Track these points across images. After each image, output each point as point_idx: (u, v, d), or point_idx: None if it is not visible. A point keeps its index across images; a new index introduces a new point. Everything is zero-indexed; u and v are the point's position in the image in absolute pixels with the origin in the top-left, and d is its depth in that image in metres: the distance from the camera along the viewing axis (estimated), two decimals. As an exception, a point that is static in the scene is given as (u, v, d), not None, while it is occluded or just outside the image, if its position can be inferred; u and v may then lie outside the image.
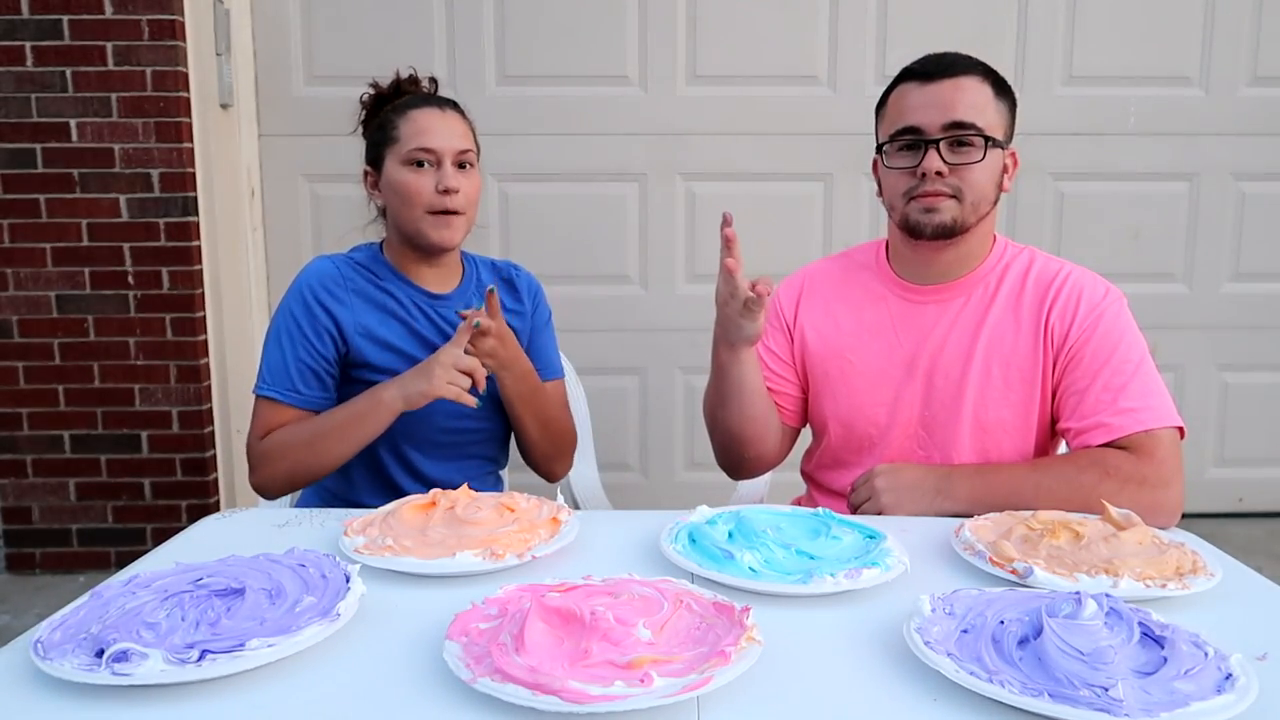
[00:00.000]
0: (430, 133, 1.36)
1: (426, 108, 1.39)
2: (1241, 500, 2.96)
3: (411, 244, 1.41)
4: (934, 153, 1.21)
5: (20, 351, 2.52)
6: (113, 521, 2.61)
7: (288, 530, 1.14)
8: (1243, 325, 2.85)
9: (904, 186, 1.25)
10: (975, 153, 1.22)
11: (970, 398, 1.29)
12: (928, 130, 1.22)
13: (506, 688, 0.69)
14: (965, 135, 1.21)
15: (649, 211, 2.77)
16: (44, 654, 0.75)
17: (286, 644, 0.77)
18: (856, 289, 1.38)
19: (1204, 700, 0.68)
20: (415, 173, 1.36)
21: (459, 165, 1.38)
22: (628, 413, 2.85)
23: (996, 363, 1.29)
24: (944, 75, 1.23)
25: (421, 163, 1.36)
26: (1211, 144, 2.77)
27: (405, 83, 1.44)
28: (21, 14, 2.38)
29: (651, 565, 1.01)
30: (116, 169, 2.45)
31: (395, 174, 1.37)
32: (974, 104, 1.22)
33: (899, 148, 1.25)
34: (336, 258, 1.44)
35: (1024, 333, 1.28)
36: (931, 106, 1.22)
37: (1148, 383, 1.24)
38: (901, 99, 1.26)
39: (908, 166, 1.24)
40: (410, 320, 1.42)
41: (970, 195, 1.24)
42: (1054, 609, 0.78)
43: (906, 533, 1.08)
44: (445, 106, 1.41)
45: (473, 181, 1.40)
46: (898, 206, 1.28)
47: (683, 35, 2.69)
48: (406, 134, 1.37)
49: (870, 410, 1.34)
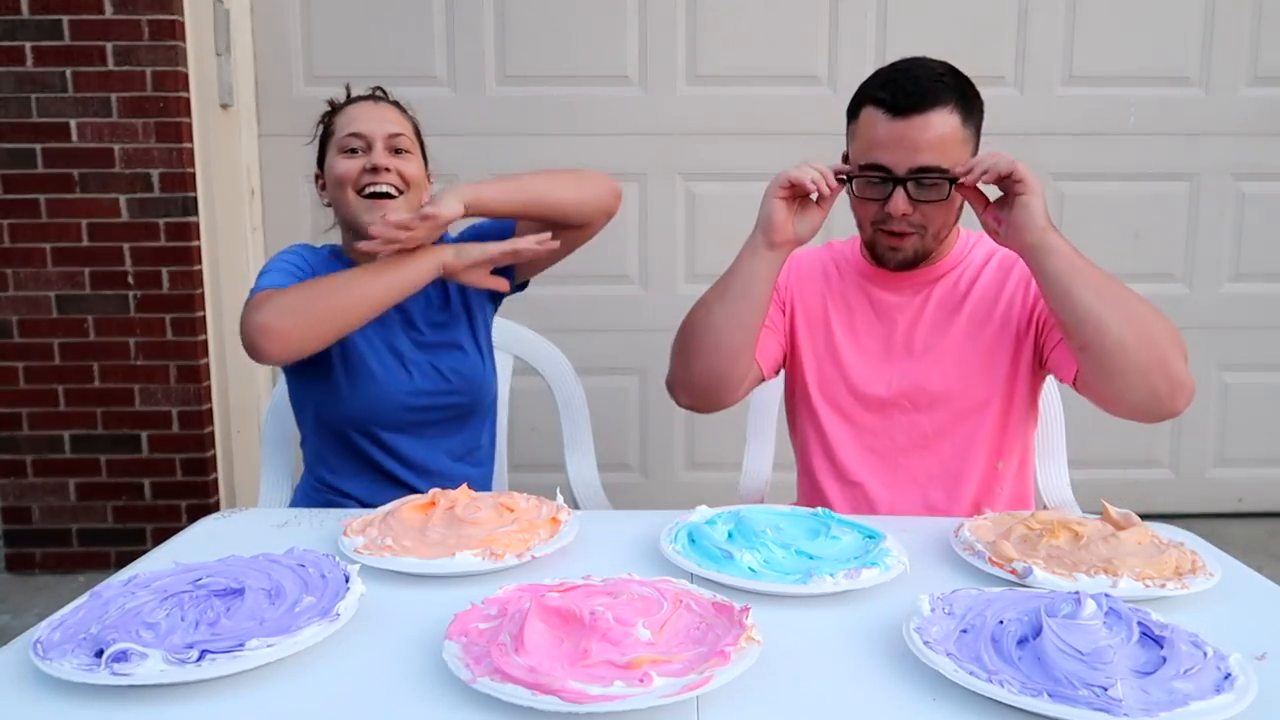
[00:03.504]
0: (359, 120, 1.40)
1: (360, 102, 1.44)
2: (1241, 500, 2.96)
3: (354, 233, 1.41)
4: (901, 193, 1.24)
5: (20, 351, 2.52)
6: (113, 521, 2.61)
7: (287, 530, 1.14)
8: (1243, 325, 2.85)
9: (871, 215, 1.30)
10: (940, 191, 1.24)
11: (952, 371, 1.33)
12: (895, 170, 1.24)
13: (506, 688, 0.69)
14: (931, 177, 1.23)
15: (649, 211, 2.77)
16: (44, 654, 0.75)
17: (286, 644, 0.77)
18: (838, 275, 1.43)
19: (1203, 700, 0.68)
20: (347, 158, 1.39)
21: (393, 151, 1.39)
22: (628, 413, 2.84)
23: (976, 334, 1.33)
24: (913, 111, 1.21)
25: (355, 150, 1.39)
26: (1211, 144, 2.77)
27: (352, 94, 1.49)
28: (21, 14, 2.38)
29: (651, 565, 1.01)
30: (116, 169, 2.45)
31: (331, 164, 1.41)
32: (941, 143, 1.22)
33: (867, 182, 1.27)
34: (311, 247, 1.46)
35: (995, 300, 1.33)
36: (899, 147, 1.22)
37: None
38: (870, 129, 1.25)
39: (875, 199, 1.27)
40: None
41: (933, 228, 1.29)
42: (1053, 609, 0.78)
43: (906, 533, 1.08)
44: (378, 100, 1.45)
45: (410, 165, 1.40)
46: (866, 230, 1.33)
47: (683, 35, 2.69)
48: (340, 126, 1.41)
49: (858, 388, 1.37)
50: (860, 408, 1.38)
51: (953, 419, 1.34)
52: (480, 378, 1.48)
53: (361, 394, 1.38)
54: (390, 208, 1.36)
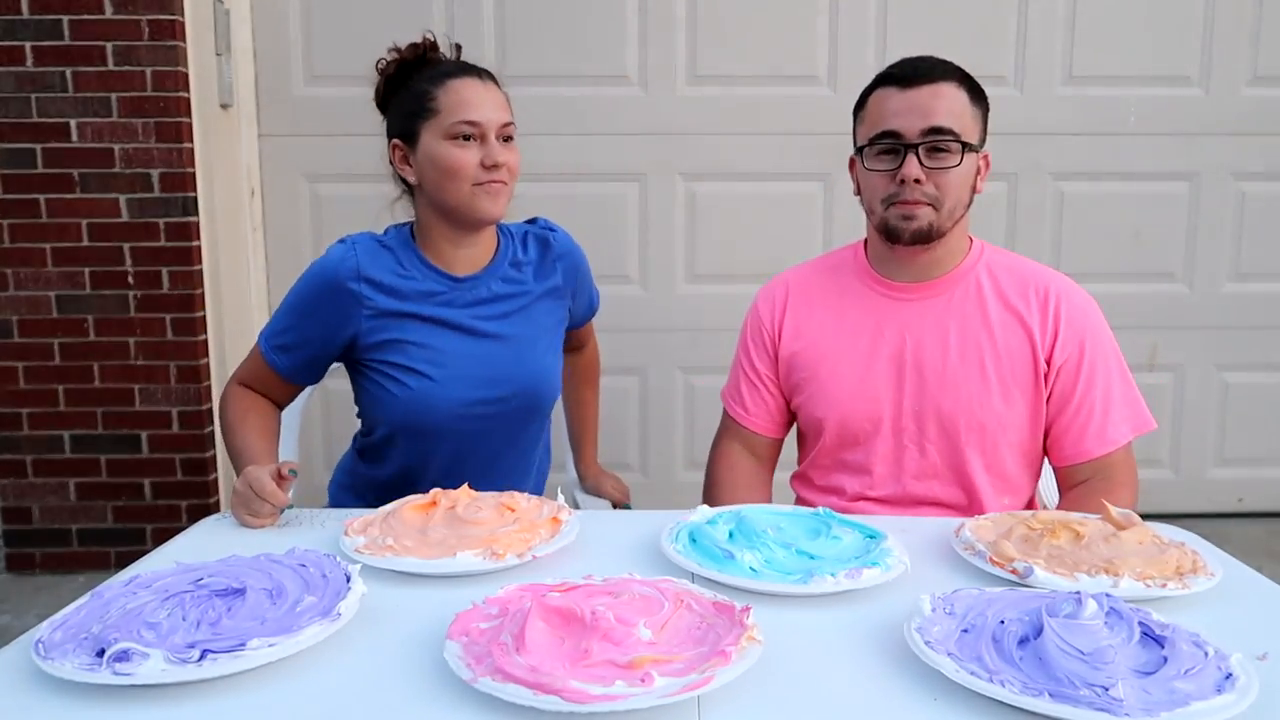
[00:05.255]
0: (474, 105, 1.29)
1: (466, 78, 1.32)
2: (1241, 500, 2.96)
3: (452, 219, 1.34)
4: (913, 158, 1.24)
5: (20, 351, 2.52)
6: (113, 521, 2.61)
7: (288, 530, 1.14)
8: (1243, 325, 2.85)
9: (883, 191, 1.28)
10: (953, 158, 1.25)
11: (962, 394, 1.31)
12: (907, 135, 1.24)
13: (507, 687, 0.69)
14: (943, 141, 1.24)
15: (649, 211, 2.77)
16: (45, 654, 0.75)
17: (287, 644, 0.77)
18: (838, 290, 1.40)
19: (1204, 700, 0.68)
20: (460, 146, 1.29)
21: (503, 140, 1.32)
22: (628, 413, 2.84)
23: (988, 359, 1.31)
24: (923, 81, 1.25)
25: (468, 136, 1.29)
26: (1211, 144, 2.77)
27: (429, 48, 1.37)
28: (21, 14, 2.38)
29: (652, 565, 1.01)
30: (116, 169, 2.45)
31: (436, 149, 1.30)
32: (951, 110, 1.25)
33: (878, 151, 1.28)
34: (362, 241, 1.37)
35: (1012, 331, 1.31)
36: (911, 112, 1.24)
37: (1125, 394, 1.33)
38: (881, 103, 1.28)
39: (887, 170, 1.27)
40: (428, 311, 1.36)
41: (947, 201, 1.27)
42: (1054, 609, 0.78)
43: (906, 533, 1.08)
44: (484, 77, 1.34)
45: (515, 155, 1.34)
46: (877, 210, 1.31)
47: (683, 35, 2.69)
48: (448, 106, 1.29)
49: (862, 407, 1.35)
50: (863, 419, 1.35)
51: (969, 433, 1.32)
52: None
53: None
54: (501, 196, 1.32)
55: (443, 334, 1.36)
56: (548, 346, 1.45)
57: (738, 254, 2.75)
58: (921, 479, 1.34)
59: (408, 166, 1.35)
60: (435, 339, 1.36)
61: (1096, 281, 2.86)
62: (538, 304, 1.44)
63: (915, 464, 1.34)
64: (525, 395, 1.40)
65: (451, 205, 1.32)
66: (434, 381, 1.35)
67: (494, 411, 1.38)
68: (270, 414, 1.42)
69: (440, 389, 1.35)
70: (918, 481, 1.34)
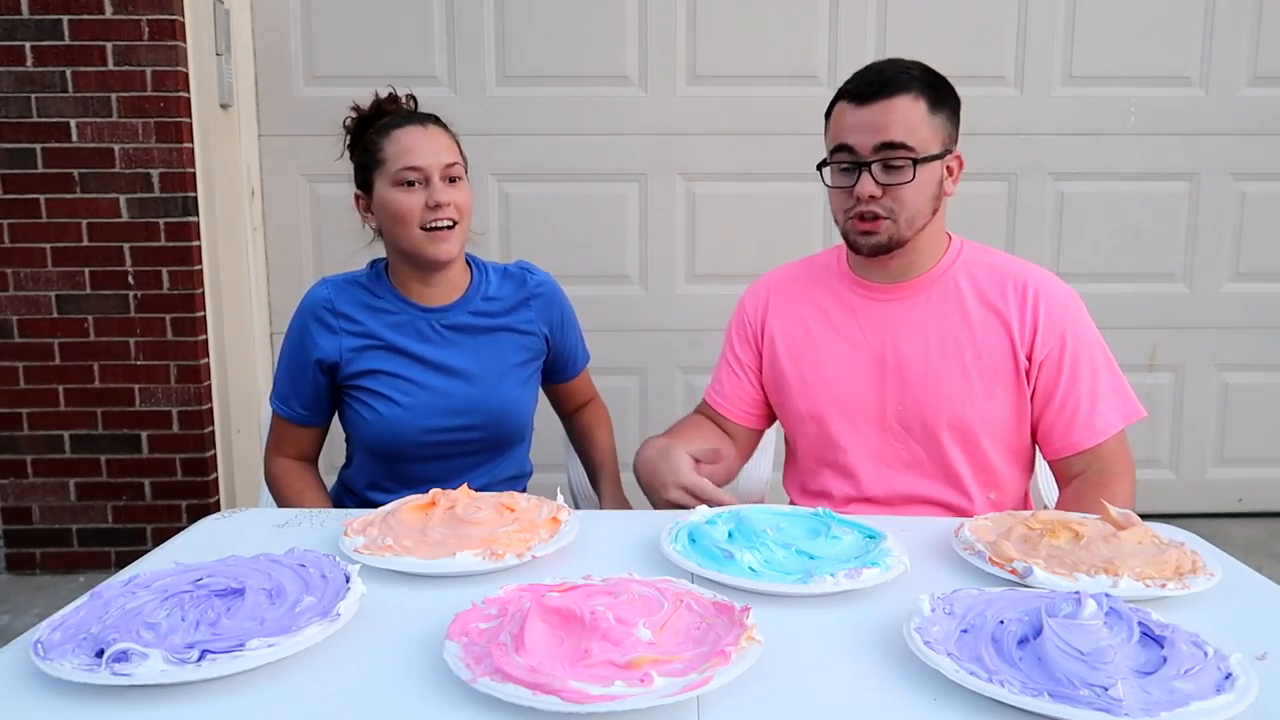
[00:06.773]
0: (415, 151, 1.37)
1: (409, 126, 1.40)
2: (1241, 500, 2.96)
3: (411, 261, 1.42)
4: (867, 176, 1.27)
5: (20, 351, 2.52)
6: (113, 521, 2.61)
7: (288, 530, 1.14)
8: (1243, 325, 2.85)
9: (844, 205, 1.31)
10: (906, 174, 1.26)
11: (944, 393, 1.32)
12: (860, 151, 1.27)
13: (507, 688, 0.69)
14: (896, 157, 1.25)
15: (649, 211, 2.77)
16: (44, 654, 0.75)
17: (287, 644, 0.77)
18: (820, 291, 1.43)
19: (1204, 700, 0.68)
20: (405, 192, 1.37)
21: (448, 180, 1.39)
22: (628, 413, 2.84)
23: (969, 357, 1.32)
24: (877, 97, 1.26)
25: (411, 182, 1.37)
26: (1211, 144, 2.77)
27: (385, 102, 1.45)
28: (21, 14, 2.38)
29: (651, 565, 1.01)
30: (116, 169, 2.45)
31: (385, 196, 1.39)
32: (905, 124, 1.25)
33: (838, 168, 1.31)
34: (336, 280, 1.47)
35: (991, 328, 1.32)
36: (863, 129, 1.26)
37: (1111, 383, 1.33)
38: (839, 118, 1.31)
39: (844, 186, 1.30)
40: (400, 343, 1.43)
41: (904, 214, 1.28)
42: (1054, 609, 0.78)
43: (906, 533, 1.08)
44: (427, 123, 1.42)
45: (463, 193, 1.41)
46: (840, 221, 1.34)
47: (683, 35, 2.69)
48: (392, 155, 1.38)
49: (844, 407, 1.37)
50: (844, 418, 1.38)
51: (951, 432, 1.33)
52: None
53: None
54: (450, 238, 1.39)
55: (411, 365, 1.43)
56: (517, 380, 1.49)
57: (738, 254, 2.75)
58: (907, 478, 1.35)
59: (369, 214, 1.45)
60: (405, 369, 1.43)
61: (1096, 281, 2.89)
62: (507, 337, 1.49)
63: (901, 463, 1.35)
64: (491, 426, 1.46)
65: (405, 249, 1.41)
66: (402, 409, 1.41)
67: (460, 439, 1.45)
68: (318, 486, 1.50)
69: (408, 415, 1.42)
70: (904, 480, 1.35)
